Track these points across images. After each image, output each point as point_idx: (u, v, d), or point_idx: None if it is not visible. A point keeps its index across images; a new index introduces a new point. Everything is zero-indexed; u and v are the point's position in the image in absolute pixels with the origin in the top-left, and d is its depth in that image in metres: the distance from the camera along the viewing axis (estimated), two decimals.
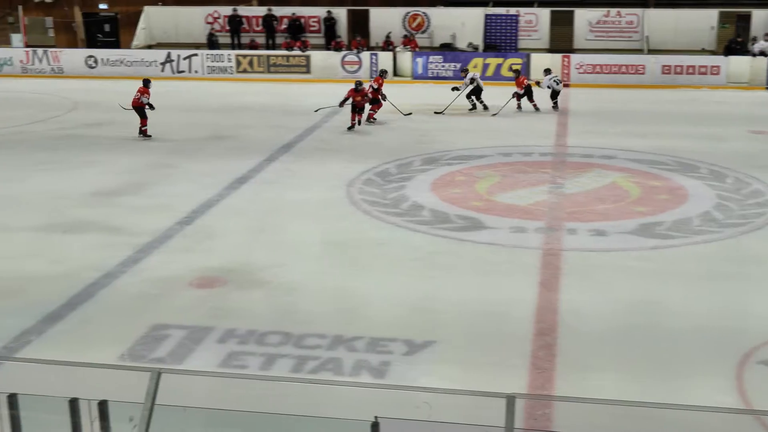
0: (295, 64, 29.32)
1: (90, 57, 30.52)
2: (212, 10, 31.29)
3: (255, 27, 31.23)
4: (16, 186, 16.47)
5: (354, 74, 28.74)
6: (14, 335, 9.88)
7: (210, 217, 14.45)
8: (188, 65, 29.89)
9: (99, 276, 11.74)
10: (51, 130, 21.72)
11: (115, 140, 20.31)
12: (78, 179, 16.81)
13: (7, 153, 19.16)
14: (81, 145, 19.77)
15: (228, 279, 11.62)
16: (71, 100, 25.90)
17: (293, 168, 17.64)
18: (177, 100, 25.75)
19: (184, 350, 9.48)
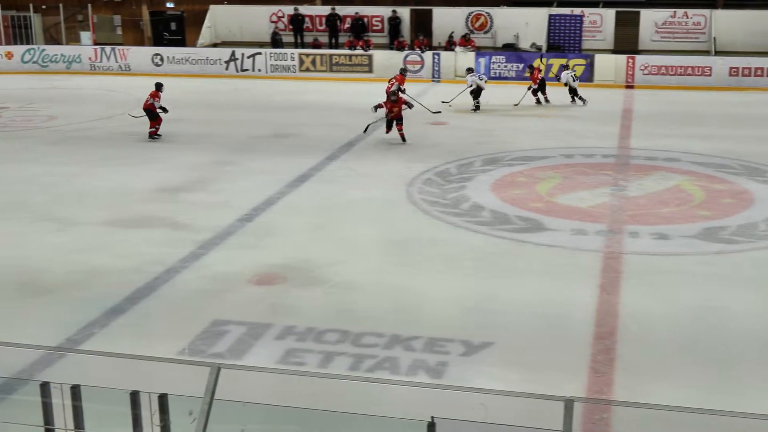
0: (357, 63, 29.42)
1: (156, 55, 30.98)
2: (276, 9, 31.53)
3: (318, 26, 31.42)
4: (83, 181, 16.81)
5: (416, 74, 28.73)
6: (79, 327, 10.09)
7: (271, 214, 14.58)
8: (252, 64, 30.17)
9: (161, 271, 11.92)
10: (117, 126, 22.12)
11: (180, 137, 20.60)
12: (143, 175, 17.10)
13: (75, 148, 19.57)
14: (147, 142, 20.09)
15: (287, 276, 11.71)
16: (137, 97, 26.31)
17: (354, 166, 17.71)
18: (240, 98, 26.03)
19: (243, 346, 9.58)
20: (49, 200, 15.49)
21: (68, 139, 20.51)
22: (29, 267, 12.19)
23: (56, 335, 9.84)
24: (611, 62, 28.28)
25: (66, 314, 10.53)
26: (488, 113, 23.46)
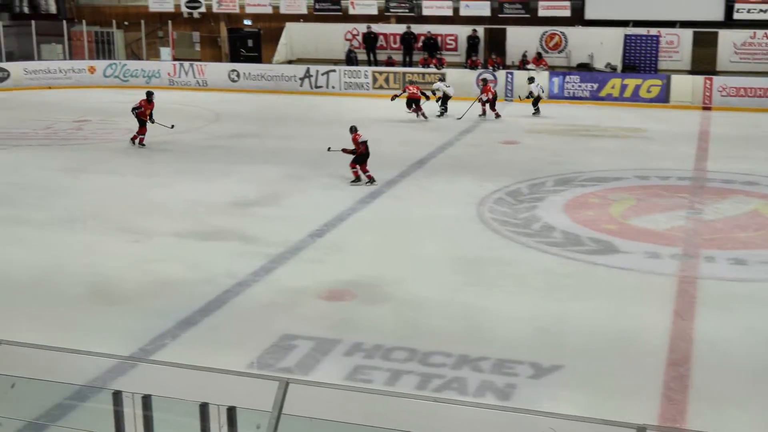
0: (431, 81, 29.46)
1: (233, 71, 31.47)
2: (351, 27, 31.78)
3: (392, 44, 31.55)
4: (161, 192, 17.11)
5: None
6: (151, 338, 10.25)
7: (341, 230, 14.64)
8: (326, 81, 30.44)
9: (232, 283, 12.05)
10: (194, 140, 22.49)
11: (254, 151, 20.85)
12: (218, 188, 17.34)
13: (152, 160, 19.95)
14: (222, 156, 20.39)
15: (357, 292, 11.73)
16: (214, 111, 26.77)
17: (425, 184, 17.70)
18: (314, 114, 26.26)
19: (311, 361, 9.62)
20: (125, 211, 15.80)
21: (146, 152, 20.92)
22: (104, 276, 12.44)
23: (129, 344, 10.01)
24: (688, 83, 27.81)
25: (139, 324, 10.72)
26: (560, 134, 23.25)
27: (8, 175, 18.58)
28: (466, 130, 23.33)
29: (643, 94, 27.89)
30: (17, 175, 18.57)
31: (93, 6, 35.23)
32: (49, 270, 12.71)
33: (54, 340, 7.23)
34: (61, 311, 11.23)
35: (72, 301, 11.57)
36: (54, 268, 12.80)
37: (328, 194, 16.83)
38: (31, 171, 18.92)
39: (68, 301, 11.57)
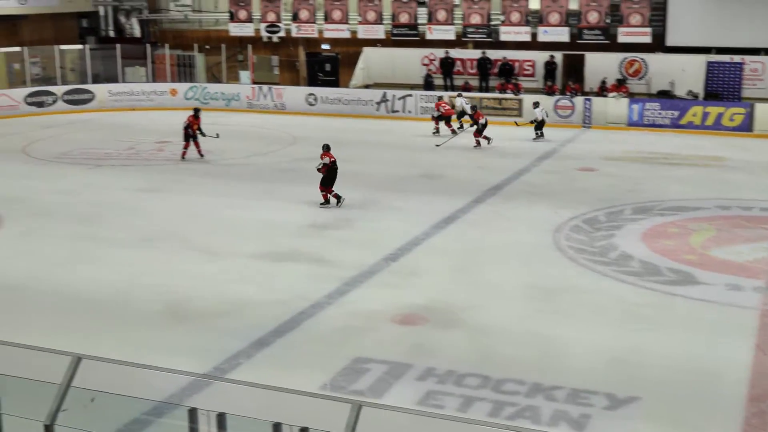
0: (507, 107, 29.35)
1: (310, 95, 31.82)
2: (428, 52, 31.89)
3: (469, 69, 31.56)
4: (238, 214, 17.35)
5: (566, 119, 28.42)
6: (226, 357, 10.37)
7: (415, 255, 14.64)
8: (402, 105, 30.56)
9: (307, 305, 12.13)
10: (271, 162, 22.77)
11: None
12: (292, 210, 17.50)
13: (232, 182, 20.25)
14: (298, 178, 20.57)
15: (430, 317, 11.70)
16: (291, 135, 27.08)
17: (500, 210, 17.59)
18: (390, 139, 26.37)
19: (383, 385, 9.61)
20: (202, 231, 16.05)
21: (224, 173, 21.25)
22: (180, 295, 12.64)
23: (204, 363, 10.14)
24: None
25: (214, 343, 10.85)
26: (639, 161, 22.91)
27: (92, 194, 19.06)
28: (542, 156, 23.17)
29: (725, 123, 27.33)
30: (100, 194, 19.04)
31: (176, 30, 36.07)
32: (128, 288, 12.98)
33: (131, 357, 7.36)
34: (138, 328, 11.45)
35: (149, 319, 11.78)
36: (133, 286, 13.07)
37: (403, 218, 16.85)
38: (113, 191, 19.38)
39: (146, 319, 11.78)
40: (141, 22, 36.18)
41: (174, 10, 35.78)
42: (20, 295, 12.75)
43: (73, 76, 34.17)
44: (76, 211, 17.51)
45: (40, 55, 33.60)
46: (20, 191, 19.26)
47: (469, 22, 31.13)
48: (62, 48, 33.63)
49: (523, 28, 30.66)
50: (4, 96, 30.62)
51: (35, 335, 10.38)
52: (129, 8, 36.18)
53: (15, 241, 15.61)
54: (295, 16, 32.92)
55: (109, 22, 36.22)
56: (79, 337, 10.79)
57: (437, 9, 31.33)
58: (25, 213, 17.37)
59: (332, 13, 32.42)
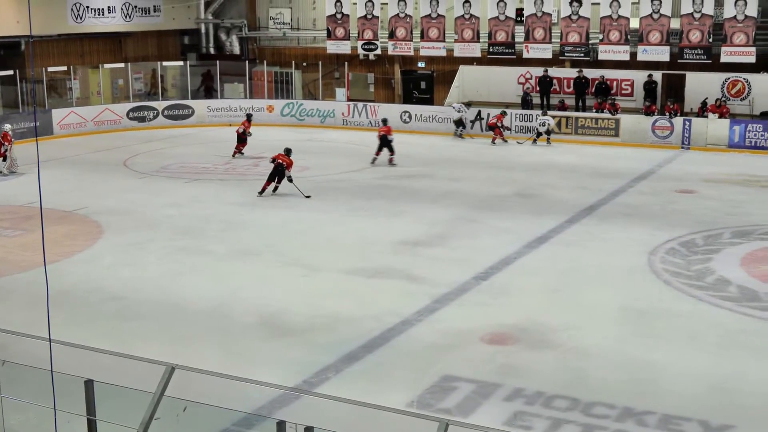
0: (603, 126, 28.96)
1: (405, 112, 31.97)
2: (525, 71, 31.73)
3: (566, 88, 31.26)
4: (332, 229, 17.54)
5: (664, 139, 27.89)
6: (315, 370, 10.48)
7: (507, 274, 14.55)
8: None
9: (397, 322, 12.18)
10: (366, 179, 22.96)
11: (424, 192, 21.05)
12: (386, 227, 17.61)
13: (327, 198, 20.48)
14: (392, 195, 20.69)
15: (520, 337, 11.61)
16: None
17: (595, 231, 17.34)
18: (485, 157, 26.30)
19: (471, 404, 9.58)
20: (298, 246, 16.28)
21: (319, 189, 21.50)
22: (274, 308, 12.84)
23: (294, 376, 10.28)
24: None
25: (304, 356, 10.99)
26: (740, 184, 22.31)
27: (191, 207, 19.53)
28: (639, 177, 22.77)
29: None
30: (199, 207, 19.50)
31: (274, 48, 36.72)
32: (225, 299, 13.25)
33: (224, 367, 7.52)
34: (232, 339, 11.68)
35: (243, 331, 12.01)
36: (229, 298, 13.34)
37: (496, 237, 16.77)
38: (211, 204, 19.82)
39: (240, 330, 12.01)
40: (240, 39, 36.95)
41: (273, 28, 36.44)
42: (122, 305, 13.15)
43: (173, 92, 35.13)
44: (176, 224, 17.97)
45: (143, 71, 34.66)
46: (121, 204, 19.87)
47: (567, 41, 30.84)
48: (164, 64, 34.63)
49: (621, 47, 30.20)
50: (108, 111, 31.64)
51: (135, 344, 10.70)
52: (229, 26, 36.98)
53: (117, 252, 16.10)
54: (391, 33, 33.17)
55: (210, 39, 37.09)
56: (176, 347, 11.07)
57: (535, 27, 31.16)
58: (126, 225, 17.91)
59: (429, 31, 32.55)
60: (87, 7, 32.41)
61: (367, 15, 33.39)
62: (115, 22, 33.66)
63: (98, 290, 13.82)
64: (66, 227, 17.72)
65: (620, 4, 29.59)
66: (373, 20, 33.40)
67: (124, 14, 33.79)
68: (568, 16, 30.47)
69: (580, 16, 30.34)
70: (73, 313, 12.30)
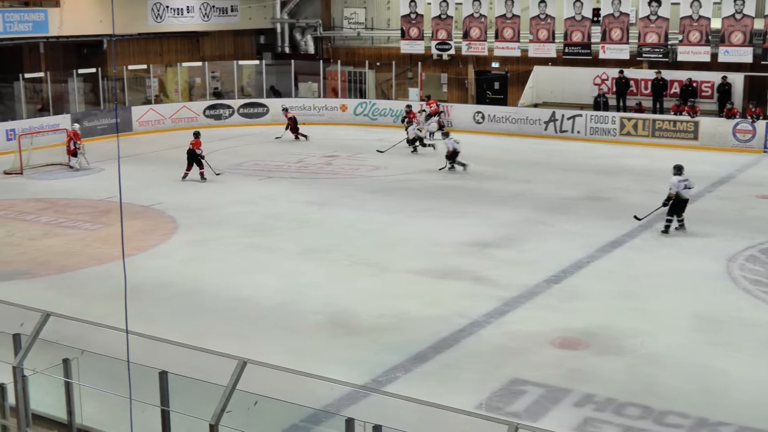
0: (682, 129, 28.42)
1: (478, 113, 31.83)
2: (600, 72, 31.32)
3: (643, 90, 30.76)
4: (400, 229, 17.56)
5: (746, 143, 27.26)
6: (384, 370, 10.51)
7: (578, 278, 14.38)
8: (571, 125, 30.11)
9: (466, 323, 12.14)
10: (435, 179, 22.92)
11: (495, 194, 20.93)
12: (455, 228, 17.55)
13: (394, 198, 20.51)
14: (462, 196, 20.61)
15: (590, 342, 11.47)
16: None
17: (669, 236, 17.02)
18: (557, 159, 26.05)
19: (540, 408, 9.49)
20: (366, 245, 16.34)
21: (388, 189, 21.55)
22: (343, 307, 12.91)
23: (362, 374, 10.32)
24: None
25: (372, 355, 11.03)
26: None
27: (263, 205, 19.75)
28: (717, 182, 22.29)
29: None
30: (271, 205, 19.71)
31: (348, 48, 36.91)
32: (294, 297, 13.38)
33: (291, 364, 7.57)
34: (300, 337, 11.78)
35: (312, 329, 12.10)
36: (298, 295, 13.46)
37: (567, 240, 16.59)
38: (283, 202, 20.02)
39: (308, 328, 12.11)
40: (315, 39, 37.23)
41: (347, 28, 36.64)
42: (194, 300, 13.37)
43: (249, 91, 35.57)
44: (248, 221, 18.18)
45: (220, 70, 35.16)
46: (195, 200, 20.20)
47: (645, 42, 30.36)
48: (240, 63, 35.08)
49: (702, 48, 29.60)
50: (185, 108, 32.19)
51: (205, 338, 10.85)
52: (304, 26, 37.29)
53: (190, 247, 16.38)
54: (465, 34, 33.07)
55: (285, 39, 37.44)
56: (245, 343, 11.21)
57: (612, 28, 30.74)
58: (200, 221, 18.21)
59: (503, 32, 32.37)
60: (167, 7, 33.02)
61: (442, 15, 33.36)
62: (194, 21, 34.22)
63: (171, 284, 14.08)
64: (142, 222, 18.09)
65: (701, 4, 28.99)
66: (448, 20, 33.34)
67: (202, 14, 34.34)
68: (647, 17, 29.99)
69: (658, 16, 29.84)
70: (147, 306, 12.54)
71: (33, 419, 8.15)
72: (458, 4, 32.99)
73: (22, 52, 29.94)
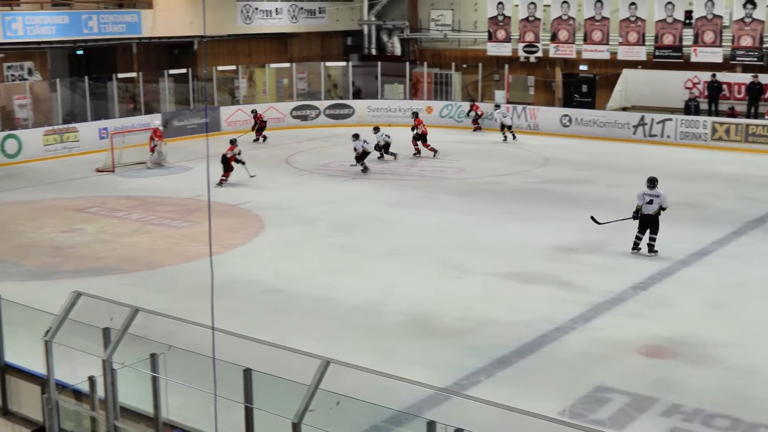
0: None
1: (565, 116, 31.46)
2: (692, 75, 30.64)
3: (736, 94, 29.99)
4: (483, 232, 17.45)
5: None
6: (466, 373, 10.45)
7: (666, 285, 14.08)
8: (661, 129, 29.51)
9: (549, 329, 12.00)
10: (521, 182, 22.73)
11: (581, 198, 20.65)
12: (540, 232, 17.35)
13: (479, 200, 20.40)
14: (547, 200, 20.39)
15: (678, 351, 11.21)
16: (543, 156, 26.89)
17: (763, 245, 16.54)
18: (646, 164, 25.53)
19: (625, 417, 9.32)
20: (451, 247, 16.28)
21: (473, 192, 21.44)
22: (426, 309, 12.89)
23: (443, 377, 10.28)
24: None
25: (454, 358, 10.98)
26: None
27: (348, 205, 19.87)
28: None
29: None
30: (356, 206, 19.82)
31: (434, 49, 36.88)
32: (377, 297, 13.41)
33: (373, 365, 7.58)
34: (382, 337, 11.81)
35: (394, 330, 12.11)
36: (381, 296, 13.49)
37: (656, 246, 16.22)
38: (368, 203, 20.10)
39: (391, 329, 12.12)
40: (402, 40, 37.30)
41: (434, 30, 36.61)
42: (279, 298, 13.52)
43: (335, 92, 35.83)
44: (333, 221, 18.31)
45: (307, 71, 35.50)
46: (282, 199, 20.43)
47: (739, 45, 29.58)
48: (327, 64, 35.37)
49: None
50: (272, 109, 32.58)
51: (288, 336, 10.95)
52: (392, 27, 37.39)
53: (276, 246, 16.57)
54: (553, 36, 32.72)
55: (372, 41, 37.62)
56: (327, 342, 11.28)
57: (704, 30, 30.04)
58: (286, 220, 18.40)
59: (592, 34, 31.92)
60: (256, 9, 33.48)
61: (529, 17, 33.08)
62: (282, 23, 34.64)
63: (257, 282, 14.26)
64: (229, 220, 18.37)
65: None
66: (535, 22, 33.04)
67: (290, 15, 34.73)
68: (741, 19, 29.21)
69: (753, 18, 29.04)
70: (233, 304, 12.72)
71: (121, 412, 8.33)
72: (546, 6, 32.66)
73: (115, 52, 30.74)
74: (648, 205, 15.28)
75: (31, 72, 27.83)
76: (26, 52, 27.46)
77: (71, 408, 8.79)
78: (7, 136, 25.31)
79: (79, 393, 8.73)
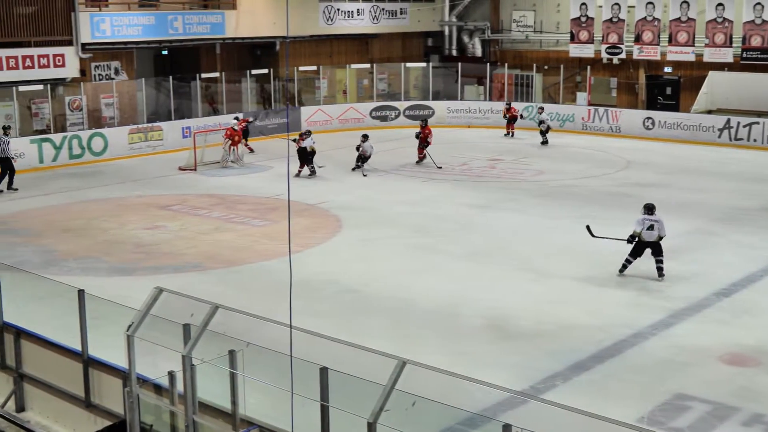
0: None
1: (648, 118, 30.96)
2: None
3: None
4: (563, 235, 17.28)
5: None
6: (543, 377, 10.38)
7: (751, 292, 13.75)
8: (747, 133, 28.81)
9: (629, 334, 11.83)
10: (602, 186, 22.43)
11: (663, 202, 20.19)
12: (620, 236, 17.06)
13: (559, 203, 20.20)
14: (627, 204, 20.05)
15: (762, 360, 10.95)
16: (625, 158, 26.50)
17: None
18: (731, 168, 25.00)
19: (705, 425, 9.15)
20: (529, 250, 16.17)
21: (553, 194, 21.25)
22: (503, 311, 12.83)
23: (520, 380, 10.23)
24: None
25: (531, 362, 10.91)
26: None
27: (427, 206, 19.88)
28: None
29: None
30: (434, 207, 19.81)
31: (515, 50, 36.64)
32: (457, 299, 13.40)
33: (449, 366, 7.59)
34: (459, 339, 11.79)
35: (471, 332, 12.08)
36: (459, 298, 13.47)
37: (740, 253, 15.89)
38: (446, 204, 20.07)
39: (468, 331, 12.10)
40: (483, 41, 37.15)
41: (516, 31, 36.37)
42: (357, 298, 13.61)
43: (415, 93, 35.87)
44: (410, 222, 18.34)
45: (387, 72, 35.63)
46: (360, 199, 20.55)
47: None
48: (407, 65, 35.42)
49: None
50: (352, 109, 32.81)
51: (365, 336, 11.03)
52: (473, 28, 37.26)
53: (354, 246, 16.67)
54: (637, 37, 32.21)
55: (452, 42, 37.55)
56: (403, 342, 11.32)
57: None
58: (363, 220, 18.50)
59: (677, 35, 31.33)
60: (338, 10, 33.74)
61: (613, 18, 32.62)
62: (363, 24, 34.83)
63: (335, 282, 14.37)
64: (308, 220, 18.55)
65: None
66: (619, 23, 32.58)
67: (372, 16, 34.90)
68: None
69: None
70: (311, 303, 12.85)
71: (199, 407, 8.49)
72: (630, 8, 32.16)
73: (199, 52, 31.31)
74: (649, 231, 14.45)
75: (118, 72, 28.52)
76: (113, 52, 28.14)
77: (151, 402, 8.98)
78: (93, 134, 26.01)
79: (159, 387, 8.92)
